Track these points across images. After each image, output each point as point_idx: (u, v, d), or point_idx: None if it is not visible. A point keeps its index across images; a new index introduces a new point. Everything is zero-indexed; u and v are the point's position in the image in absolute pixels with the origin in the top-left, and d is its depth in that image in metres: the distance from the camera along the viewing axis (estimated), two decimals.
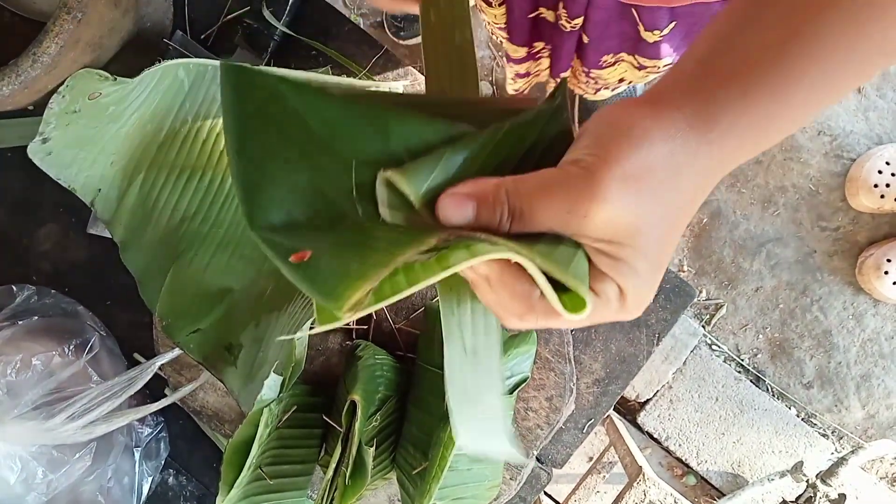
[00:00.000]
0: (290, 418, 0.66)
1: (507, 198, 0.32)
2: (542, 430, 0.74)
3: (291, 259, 0.31)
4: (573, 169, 0.31)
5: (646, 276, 0.32)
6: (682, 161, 0.31)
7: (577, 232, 0.31)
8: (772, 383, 1.78)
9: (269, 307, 0.72)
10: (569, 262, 0.31)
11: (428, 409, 0.65)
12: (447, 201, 0.32)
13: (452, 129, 0.36)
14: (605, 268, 0.32)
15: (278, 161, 0.34)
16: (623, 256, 0.31)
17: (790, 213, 1.75)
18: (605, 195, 0.30)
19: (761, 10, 0.33)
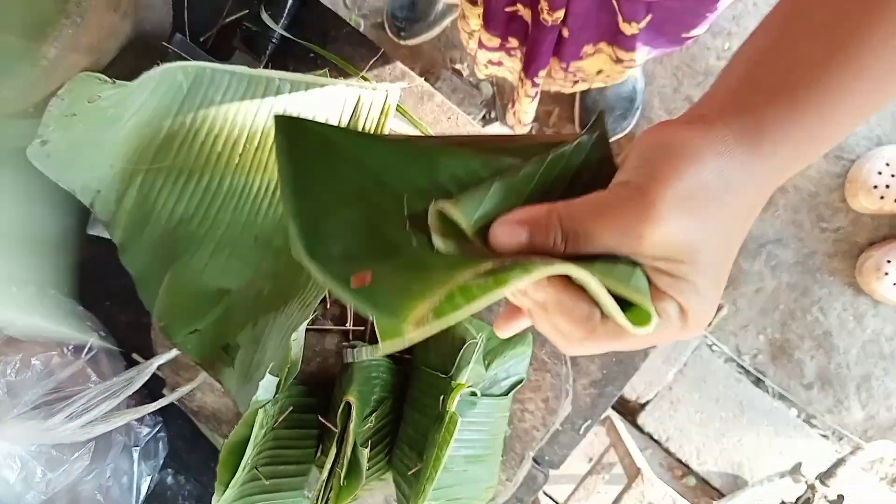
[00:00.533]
0: (286, 419, 0.66)
1: (559, 222, 0.32)
2: (538, 432, 0.74)
3: (353, 282, 0.31)
4: (625, 191, 0.32)
5: (706, 293, 0.32)
6: (734, 178, 0.31)
7: (633, 252, 0.32)
8: (772, 384, 1.78)
9: (267, 308, 0.73)
10: (629, 278, 0.31)
11: (423, 410, 0.65)
12: (500, 229, 0.33)
13: (498, 162, 0.37)
14: (665, 286, 0.32)
15: (333, 198, 0.36)
16: (682, 274, 0.32)
17: (790, 215, 1.75)
18: (660, 215, 0.30)
19: (801, 22, 0.33)
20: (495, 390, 0.68)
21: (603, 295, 0.30)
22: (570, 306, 0.32)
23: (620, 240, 0.31)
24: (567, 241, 0.32)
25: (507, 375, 0.69)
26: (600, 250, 0.32)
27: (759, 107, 0.32)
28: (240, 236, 0.75)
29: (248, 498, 0.61)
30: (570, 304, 0.32)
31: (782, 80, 0.32)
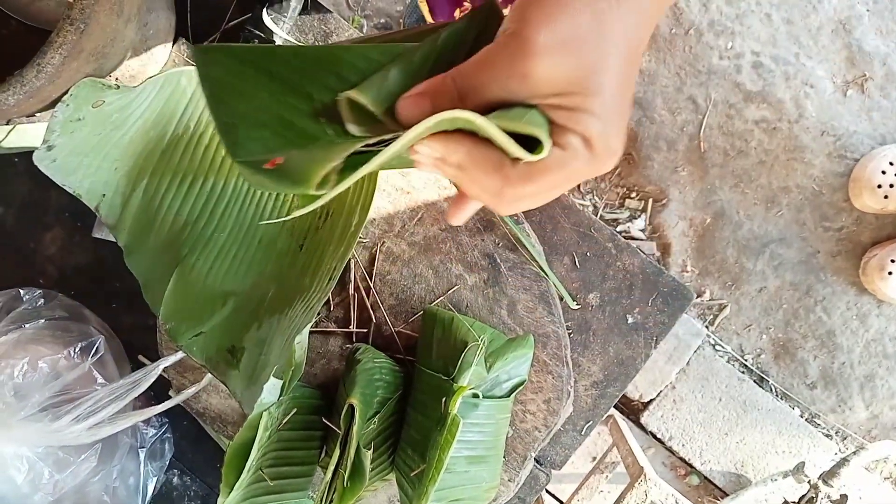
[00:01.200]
0: (290, 420, 0.67)
1: (454, 83, 0.34)
2: (539, 433, 0.75)
3: (266, 167, 0.36)
4: (504, 38, 0.33)
5: (606, 118, 0.33)
6: (606, 5, 0.32)
7: (525, 96, 0.33)
8: (775, 383, 1.78)
9: (271, 310, 0.73)
10: (522, 116, 0.33)
11: (425, 412, 0.65)
12: (404, 103, 0.35)
13: (396, 48, 0.40)
14: (564, 120, 0.33)
15: (251, 108, 0.40)
16: (576, 104, 0.33)
17: (794, 214, 1.75)
18: (535, 50, 0.32)
19: None
20: (497, 392, 0.68)
21: (492, 129, 0.32)
22: (481, 158, 0.34)
23: (507, 84, 0.33)
24: (465, 98, 0.34)
25: (509, 377, 0.69)
26: (495, 99, 0.34)
27: None
28: (244, 239, 0.76)
29: (254, 499, 0.61)
30: (479, 156, 0.34)
31: None
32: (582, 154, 0.34)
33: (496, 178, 0.35)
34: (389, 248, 0.76)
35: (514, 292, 0.75)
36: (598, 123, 0.33)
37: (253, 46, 0.43)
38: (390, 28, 1.78)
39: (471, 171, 0.35)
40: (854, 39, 1.72)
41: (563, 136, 0.34)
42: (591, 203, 1.85)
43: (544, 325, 0.75)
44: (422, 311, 0.75)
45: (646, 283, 0.80)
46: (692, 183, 1.78)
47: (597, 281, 0.80)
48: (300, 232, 0.75)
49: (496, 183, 0.35)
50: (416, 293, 0.75)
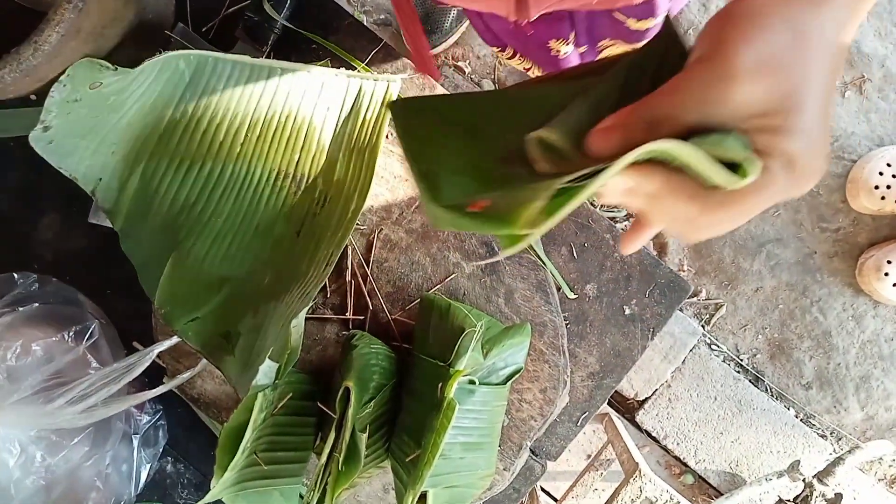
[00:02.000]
0: (285, 406, 0.66)
1: (643, 114, 0.33)
2: (535, 422, 0.74)
3: (470, 209, 0.37)
4: (696, 64, 0.33)
5: (809, 136, 0.32)
6: (805, 25, 0.32)
7: (723, 120, 0.32)
8: (771, 383, 1.78)
9: (268, 296, 0.73)
10: (721, 142, 0.32)
11: (422, 398, 0.65)
12: (593, 138, 0.34)
13: (575, 86, 0.40)
14: (765, 142, 0.32)
15: (445, 155, 0.42)
16: (778, 125, 0.32)
17: (791, 214, 1.75)
18: (735, 72, 0.31)
19: None
20: (493, 379, 0.68)
21: (695, 158, 0.31)
22: (678, 185, 0.33)
23: (703, 110, 0.32)
24: (657, 128, 0.33)
25: (506, 364, 0.69)
26: (690, 126, 0.32)
27: None
28: (241, 225, 0.76)
29: (247, 483, 0.61)
30: (677, 184, 0.33)
31: None
32: (783, 176, 0.33)
33: (693, 206, 0.34)
34: (387, 235, 0.75)
35: (512, 281, 0.75)
36: (800, 142, 0.32)
37: (442, 96, 0.47)
38: (390, 24, 1.78)
39: (665, 199, 0.35)
40: (852, 41, 1.73)
41: (766, 157, 0.33)
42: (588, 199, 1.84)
43: (541, 314, 0.74)
44: (419, 298, 0.74)
45: (643, 275, 0.79)
46: None
47: (594, 272, 0.80)
48: (298, 218, 0.74)
49: (692, 210, 0.34)
50: (414, 281, 0.75)
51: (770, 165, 0.32)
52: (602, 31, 0.83)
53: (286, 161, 0.75)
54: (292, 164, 0.75)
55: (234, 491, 0.61)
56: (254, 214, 0.75)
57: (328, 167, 0.74)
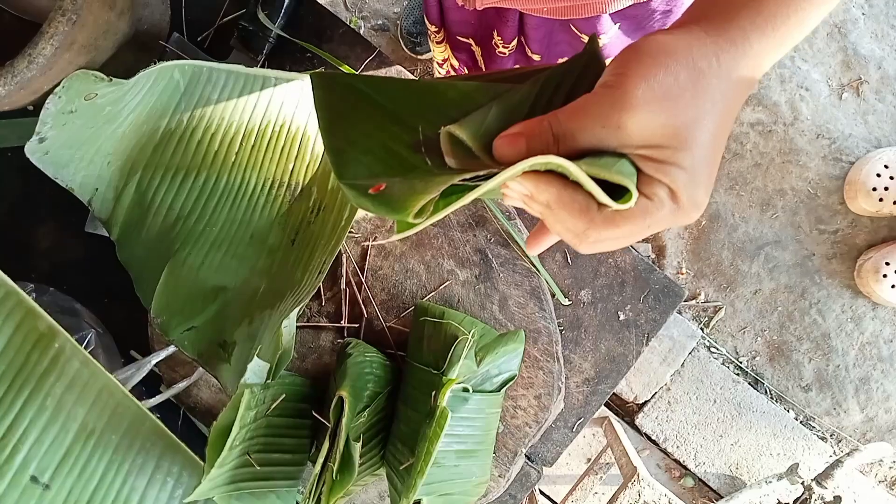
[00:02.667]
0: (279, 407, 0.67)
1: (550, 127, 0.35)
2: (530, 428, 0.75)
3: (370, 191, 0.38)
4: (602, 89, 0.35)
5: (694, 172, 0.34)
6: (706, 67, 0.34)
7: (616, 145, 0.34)
8: (770, 386, 1.78)
9: (262, 305, 0.73)
10: (612, 165, 0.34)
11: (415, 406, 0.65)
12: (501, 142, 0.36)
13: (496, 89, 0.42)
14: (653, 172, 0.34)
15: (358, 134, 0.43)
16: (666, 157, 0.34)
17: (789, 216, 1.75)
18: (632, 102, 0.33)
19: None
20: (487, 386, 0.68)
21: (581, 177, 0.33)
22: (568, 200, 0.35)
23: (602, 133, 0.34)
24: (559, 142, 0.35)
25: (500, 372, 0.69)
26: (588, 146, 0.35)
27: (725, 4, 0.36)
28: (236, 234, 0.76)
29: (241, 484, 0.61)
30: (567, 198, 0.35)
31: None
32: (667, 205, 0.35)
33: (581, 221, 0.36)
34: (381, 243, 0.76)
35: (506, 288, 0.75)
36: (685, 177, 0.34)
37: (366, 77, 0.46)
38: (387, 30, 1.78)
39: (558, 211, 0.36)
40: (850, 43, 1.73)
41: (650, 187, 0.35)
42: None
43: (535, 320, 0.75)
44: (413, 306, 0.75)
45: (637, 281, 0.80)
46: None
47: (588, 278, 0.80)
48: (292, 227, 0.75)
49: (580, 225, 0.36)
50: (408, 288, 0.76)
51: (656, 193, 0.34)
52: (561, 46, 0.83)
53: (280, 170, 0.75)
54: (286, 173, 0.75)
55: (227, 491, 0.61)
56: (248, 223, 0.76)
57: (322, 176, 0.74)
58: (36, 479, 0.57)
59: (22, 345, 0.59)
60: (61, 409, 0.60)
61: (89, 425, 0.61)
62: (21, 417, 0.58)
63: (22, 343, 0.59)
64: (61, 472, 0.59)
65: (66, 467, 0.59)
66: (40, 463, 0.58)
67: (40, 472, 0.58)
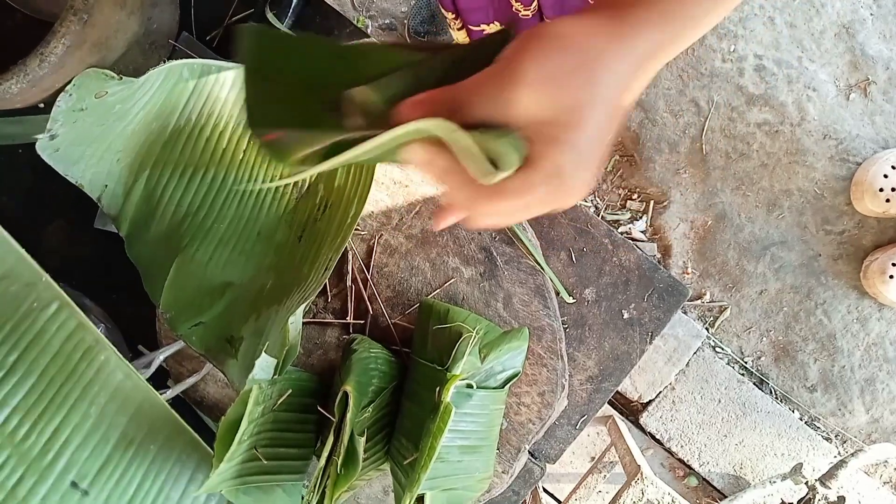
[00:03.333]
0: (285, 402, 0.67)
1: (449, 98, 0.37)
2: (534, 425, 0.75)
3: (265, 138, 0.40)
4: (497, 64, 0.36)
5: (580, 152, 0.35)
6: (599, 53, 0.35)
7: (507, 118, 0.35)
8: (775, 386, 1.78)
9: (269, 302, 0.74)
10: (500, 137, 0.34)
11: (420, 402, 0.66)
12: (403, 108, 0.37)
13: (416, 56, 0.43)
14: (539, 147, 0.35)
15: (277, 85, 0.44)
16: (554, 135, 0.34)
17: (795, 217, 1.75)
18: (523, 80, 0.34)
19: None
20: (491, 383, 0.69)
21: (464, 141, 0.34)
22: (459, 169, 0.36)
23: (493, 106, 0.35)
24: (456, 113, 0.36)
25: (503, 369, 0.70)
26: (482, 119, 0.36)
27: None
28: (243, 230, 0.77)
29: (248, 478, 0.62)
30: (458, 168, 0.36)
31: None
32: (551, 182, 0.36)
33: (469, 190, 0.37)
34: (387, 240, 0.76)
35: (511, 286, 0.75)
36: (571, 155, 0.35)
37: (294, 35, 0.48)
38: (395, 29, 1.79)
39: (450, 178, 0.37)
40: (857, 43, 1.73)
41: (535, 163, 0.35)
42: (592, 204, 1.85)
43: (540, 318, 0.75)
44: (418, 303, 0.75)
45: (642, 279, 0.80)
46: (693, 185, 1.78)
47: (593, 276, 0.80)
48: (299, 223, 0.75)
49: (469, 195, 0.37)
50: (413, 286, 0.76)
51: (541, 169, 0.35)
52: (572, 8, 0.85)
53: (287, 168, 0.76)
54: None
55: (235, 485, 0.62)
56: (256, 220, 0.77)
57: (329, 173, 0.75)
58: (76, 484, 0.58)
59: (71, 354, 0.60)
60: (104, 418, 0.60)
61: (129, 434, 0.62)
62: (66, 423, 0.59)
63: (71, 353, 0.60)
64: (100, 479, 0.59)
65: (105, 474, 0.60)
66: (81, 469, 0.58)
67: (80, 479, 0.58)
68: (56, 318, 0.60)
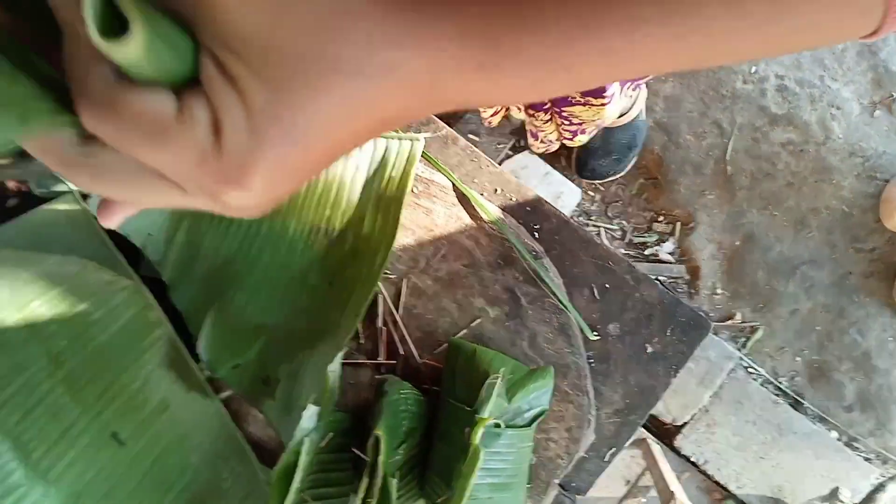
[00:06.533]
0: (328, 443, 0.71)
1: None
2: (562, 460, 0.77)
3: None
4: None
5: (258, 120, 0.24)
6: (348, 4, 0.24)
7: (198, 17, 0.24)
8: (811, 406, 1.77)
9: (303, 343, 0.77)
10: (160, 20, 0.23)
11: (450, 441, 0.69)
12: None
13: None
14: (209, 74, 0.24)
15: None
16: (234, 70, 0.24)
17: (824, 235, 1.74)
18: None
19: None
20: (519, 421, 0.71)
21: None
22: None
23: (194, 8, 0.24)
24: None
25: (530, 407, 0.72)
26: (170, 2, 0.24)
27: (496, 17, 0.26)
28: (277, 275, 0.81)
29: None
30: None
31: None
32: (197, 138, 0.25)
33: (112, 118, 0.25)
34: (415, 283, 0.79)
35: (535, 325, 0.78)
36: (243, 118, 0.24)
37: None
38: None
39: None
40: (880, 60, 1.72)
41: (192, 97, 0.25)
42: (619, 227, 1.86)
43: (564, 356, 0.77)
44: (446, 343, 0.78)
45: (664, 314, 0.82)
46: (720, 206, 1.79)
47: (616, 312, 0.82)
48: (330, 269, 0.79)
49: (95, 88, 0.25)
50: (441, 326, 0.79)
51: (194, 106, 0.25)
52: None
53: (319, 216, 0.79)
54: (324, 219, 0.79)
55: None
56: (288, 266, 0.80)
57: (357, 221, 0.78)
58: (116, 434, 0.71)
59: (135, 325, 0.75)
60: (148, 381, 0.74)
61: (166, 401, 0.75)
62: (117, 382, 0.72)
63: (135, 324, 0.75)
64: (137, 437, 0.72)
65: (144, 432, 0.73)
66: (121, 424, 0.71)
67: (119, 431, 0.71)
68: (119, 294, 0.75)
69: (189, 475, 0.76)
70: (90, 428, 0.70)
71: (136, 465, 0.73)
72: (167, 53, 0.24)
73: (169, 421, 0.75)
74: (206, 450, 0.77)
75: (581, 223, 1.83)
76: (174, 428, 0.76)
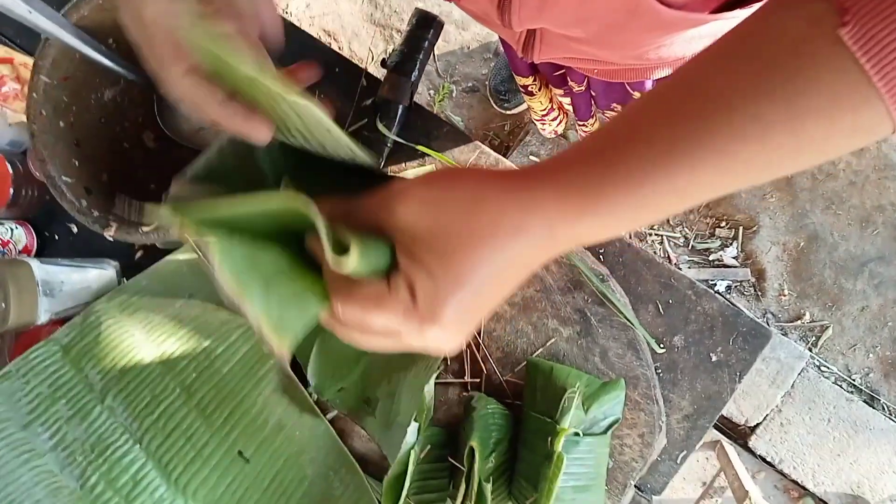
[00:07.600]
0: (426, 454, 0.81)
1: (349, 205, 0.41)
2: (636, 463, 0.85)
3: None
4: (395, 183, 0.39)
5: (441, 282, 0.35)
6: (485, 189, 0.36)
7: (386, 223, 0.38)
8: (887, 402, 1.77)
9: (398, 367, 0.88)
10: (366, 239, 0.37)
11: (534, 449, 0.77)
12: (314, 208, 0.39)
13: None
14: (402, 261, 0.37)
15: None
16: (418, 255, 0.36)
17: (890, 232, 1.75)
18: (408, 193, 0.37)
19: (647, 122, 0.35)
20: (595, 430, 0.80)
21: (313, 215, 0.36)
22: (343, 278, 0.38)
23: (378, 212, 0.38)
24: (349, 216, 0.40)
25: (605, 416, 0.80)
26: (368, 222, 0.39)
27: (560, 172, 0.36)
28: None
29: None
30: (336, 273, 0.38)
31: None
32: (402, 298, 0.36)
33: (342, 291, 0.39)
34: (493, 308, 0.89)
35: (605, 341, 0.86)
36: (428, 281, 0.35)
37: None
38: (478, 90, 1.93)
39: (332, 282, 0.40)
40: None
41: (394, 277, 0.37)
42: (681, 234, 1.91)
43: (634, 368, 0.85)
44: (525, 361, 0.87)
45: (725, 325, 0.89)
46: (782, 208, 1.81)
47: (680, 325, 0.89)
48: None
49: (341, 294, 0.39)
50: (520, 346, 0.88)
51: (397, 284, 0.37)
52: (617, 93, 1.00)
53: None
54: None
55: None
56: None
57: None
58: (241, 453, 0.83)
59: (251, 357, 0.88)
60: (266, 405, 0.86)
61: (282, 422, 0.87)
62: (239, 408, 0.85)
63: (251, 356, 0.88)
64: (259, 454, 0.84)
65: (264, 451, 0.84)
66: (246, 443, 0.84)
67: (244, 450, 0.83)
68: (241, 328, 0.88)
69: (305, 485, 0.86)
70: (220, 448, 0.83)
71: (260, 478, 0.84)
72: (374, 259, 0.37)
73: (286, 439, 0.87)
74: (319, 463, 0.88)
75: (643, 233, 1.88)
76: (291, 445, 0.87)
